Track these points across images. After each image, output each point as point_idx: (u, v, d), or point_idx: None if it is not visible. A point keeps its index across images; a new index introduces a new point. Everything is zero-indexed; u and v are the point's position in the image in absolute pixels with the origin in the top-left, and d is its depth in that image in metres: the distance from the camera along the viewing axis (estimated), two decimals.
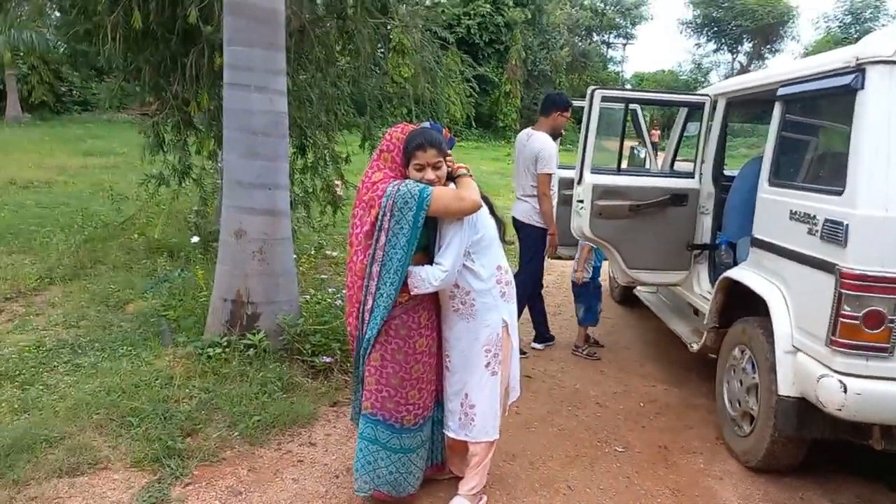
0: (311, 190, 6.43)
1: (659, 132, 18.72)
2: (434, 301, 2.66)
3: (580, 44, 36.24)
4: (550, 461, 3.23)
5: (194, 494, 2.71)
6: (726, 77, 31.77)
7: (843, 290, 2.56)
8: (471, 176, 2.61)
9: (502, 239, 2.74)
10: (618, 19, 42.12)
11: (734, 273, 3.50)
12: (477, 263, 2.55)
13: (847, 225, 2.58)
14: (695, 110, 4.60)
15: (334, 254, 6.69)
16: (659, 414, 3.90)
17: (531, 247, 4.69)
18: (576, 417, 3.79)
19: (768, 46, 40.31)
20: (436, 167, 2.50)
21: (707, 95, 4.37)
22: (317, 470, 2.97)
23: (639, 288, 5.62)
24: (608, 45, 43.60)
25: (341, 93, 6.15)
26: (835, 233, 2.65)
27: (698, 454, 3.41)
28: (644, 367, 4.68)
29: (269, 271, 4.04)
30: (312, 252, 6.30)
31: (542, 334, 4.96)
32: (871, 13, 36.23)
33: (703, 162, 4.36)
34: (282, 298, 4.10)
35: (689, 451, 3.45)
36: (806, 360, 2.78)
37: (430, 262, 2.51)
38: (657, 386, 4.34)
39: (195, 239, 6.08)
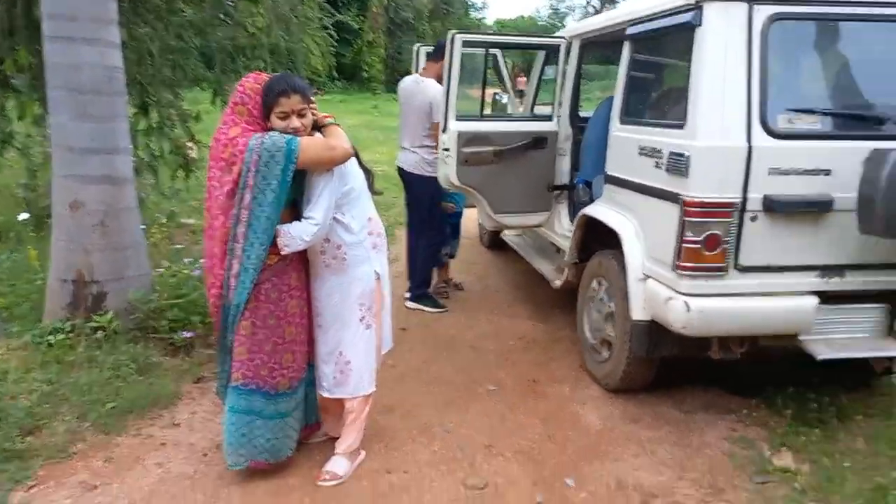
0: (158, 153, 5.90)
1: (525, 79, 19.08)
2: (303, 260, 2.55)
3: None
4: (426, 409, 3.26)
5: (40, 496, 2.45)
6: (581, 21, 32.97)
7: (686, 218, 2.73)
8: (337, 125, 2.49)
9: (371, 189, 2.66)
10: None
11: (590, 210, 3.65)
12: (347, 216, 2.46)
13: (688, 156, 2.73)
14: (552, 53, 4.67)
15: (190, 221, 6.23)
16: (527, 349, 4.07)
17: (425, 200, 4.62)
18: (450, 363, 3.85)
19: None
20: (301, 114, 2.35)
21: (562, 38, 4.43)
22: (182, 451, 2.79)
23: (505, 232, 5.76)
24: None
25: (186, 45, 5.62)
26: (678, 164, 2.80)
27: (564, 383, 3.60)
28: (513, 308, 4.84)
29: (114, 245, 3.70)
30: (164, 221, 5.84)
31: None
32: None
33: (560, 105, 4.46)
34: (131, 273, 3.78)
35: (555, 380, 3.63)
36: (655, 286, 2.97)
37: (298, 219, 2.38)
38: (525, 324, 4.51)
39: (24, 216, 5.42)
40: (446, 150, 4.19)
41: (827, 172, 2.68)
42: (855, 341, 2.91)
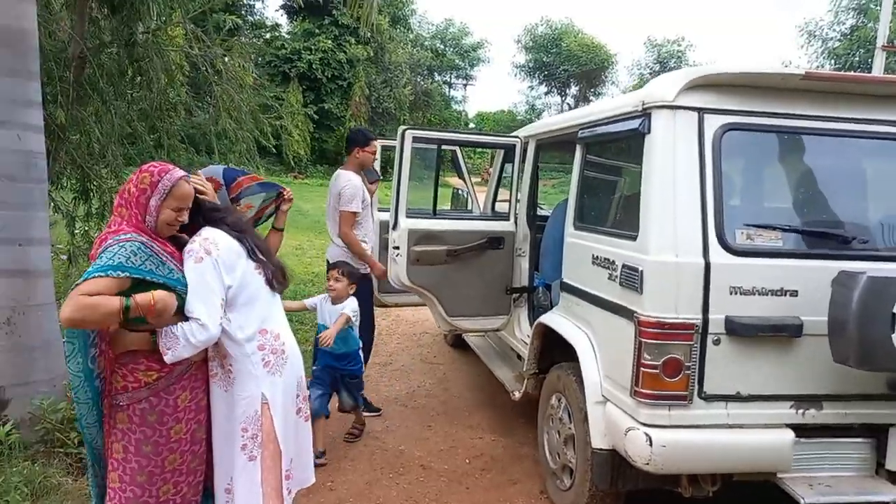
0: None
1: None
2: (203, 377, 2.20)
3: (422, 83, 37.18)
4: None
5: None
6: None
7: (643, 339, 2.46)
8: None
9: (272, 286, 2.29)
10: (457, 61, 44.00)
11: (546, 318, 3.39)
12: (234, 323, 2.13)
13: (642, 271, 2.51)
14: (510, 152, 4.55)
15: None
16: (484, 470, 3.67)
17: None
18: (397, 486, 3.44)
19: (592, 90, 44.02)
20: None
21: (518, 137, 4.33)
22: None
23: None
24: (449, 85, 45.33)
25: (134, 129, 5.46)
26: (632, 279, 2.57)
27: None
28: (472, 417, 4.46)
29: (21, 345, 3.36)
30: None
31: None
32: (674, 63, 40.98)
33: (518, 203, 4.29)
34: (39, 378, 3.42)
35: None
36: (615, 412, 2.66)
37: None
38: (484, 437, 4.13)
39: None
40: (396, 247, 3.95)
41: (794, 293, 2.45)
42: (840, 481, 2.57)
